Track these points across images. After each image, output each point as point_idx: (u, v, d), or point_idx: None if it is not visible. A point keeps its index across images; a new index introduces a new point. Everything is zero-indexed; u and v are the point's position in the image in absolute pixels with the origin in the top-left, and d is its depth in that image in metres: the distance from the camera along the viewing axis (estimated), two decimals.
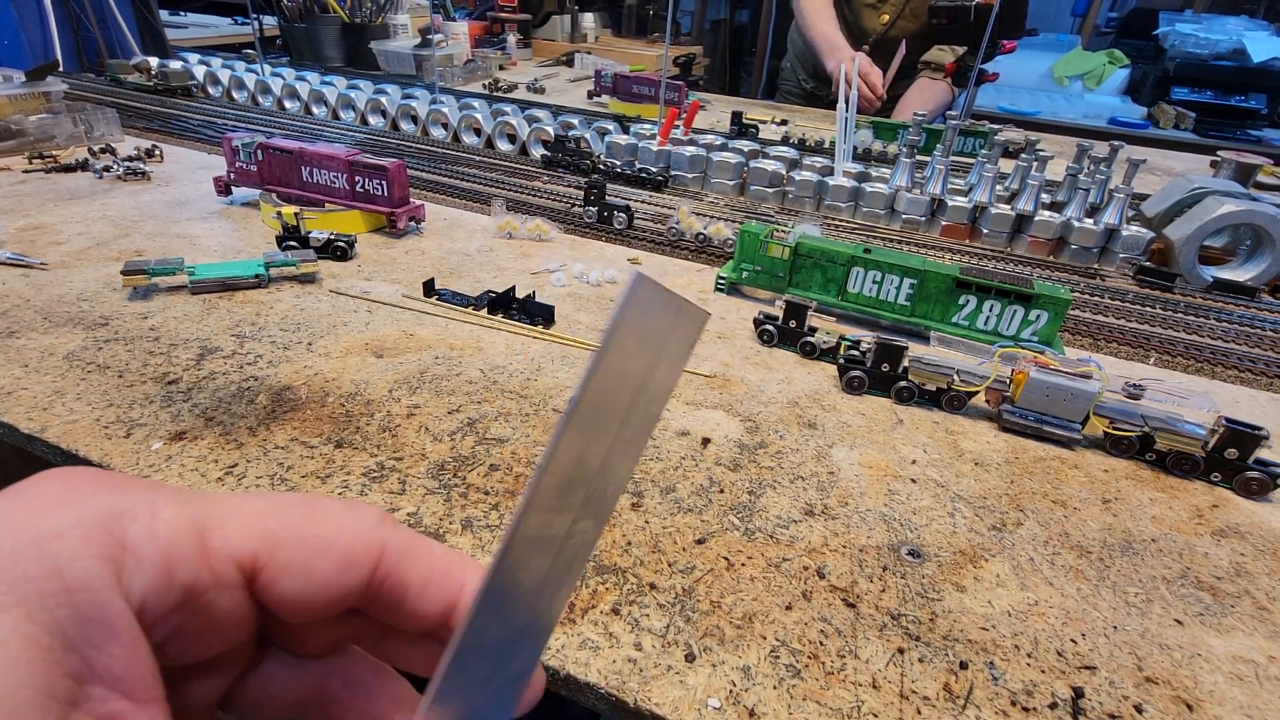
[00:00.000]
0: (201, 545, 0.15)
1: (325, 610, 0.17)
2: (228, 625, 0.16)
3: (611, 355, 0.19)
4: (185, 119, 1.32)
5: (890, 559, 0.44)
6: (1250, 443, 0.52)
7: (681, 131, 1.23)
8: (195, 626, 0.16)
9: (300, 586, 0.16)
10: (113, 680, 0.14)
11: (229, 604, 0.16)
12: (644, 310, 0.19)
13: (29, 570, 0.13)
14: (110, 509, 0.15)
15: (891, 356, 0.60)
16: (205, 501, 0.16)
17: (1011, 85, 2.91)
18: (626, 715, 0.34)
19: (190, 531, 0.15)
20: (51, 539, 0.14)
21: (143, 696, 0.14)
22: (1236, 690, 0.37)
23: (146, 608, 0.15)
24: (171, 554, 0.15)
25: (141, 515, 0.15)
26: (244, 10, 1.88)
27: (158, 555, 0.15)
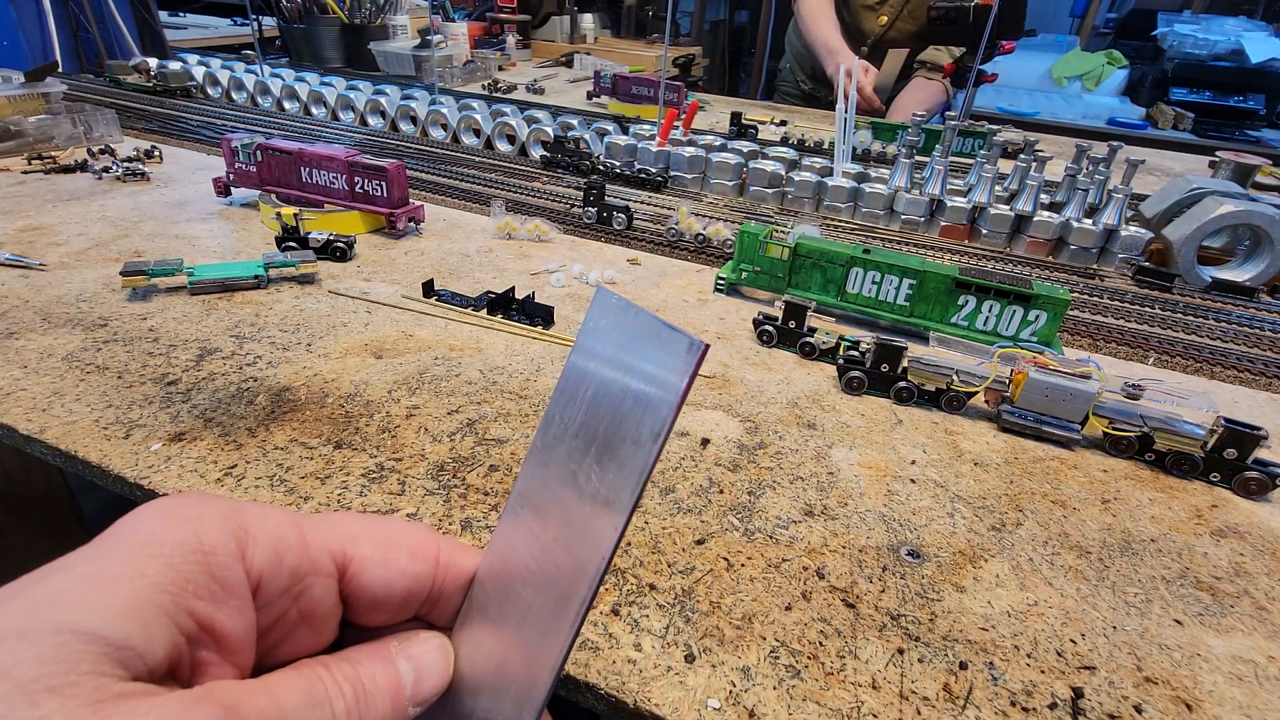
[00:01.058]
0: (302, 539, 0.19)
1: (401, 600, 0.20)
2: (320, 618, 0.19)
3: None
4: (184, 120, 1.32)
5: (890, 559, 0.44)
6: (1249, 443, 0.52)
7: (681, 132, 1.23)
8: (296, 615, 0.19)
9: (381, 574, 0.20)
10: (218, 633, 0.17)
11: (323, 592, 0.19)
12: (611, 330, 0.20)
13: (176, 534, 0.17)
14: (235, 507, 0.18)
15: (891, 357, 0.60)
16: (298, 514, 0.20)
17: (1010, 86, 2.91)
18: (626, 716, 0.34)
19: (294, 528, 0.19)
20: (194, 518, 0.17)
21: (233, 655, 0.17)
22: (1236, 690, 0.37)
23: (262, 583, 0.18)
24: (281, 542, 0.18)
25: (257, 513, 0.18)
26: (243, 11, 1.88)
27: (271, 541, 0.18)
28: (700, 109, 1.79)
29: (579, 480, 0.20)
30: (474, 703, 0.21)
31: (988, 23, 1.20)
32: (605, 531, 0.19)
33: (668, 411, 0.18)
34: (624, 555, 0.42)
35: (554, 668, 0.20)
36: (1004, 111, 2.67)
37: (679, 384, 0.18)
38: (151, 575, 0.16)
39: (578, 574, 0.19)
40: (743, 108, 1.85)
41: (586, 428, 0.20)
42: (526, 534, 0.21)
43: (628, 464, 0.19)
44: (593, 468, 0.19)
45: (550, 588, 0.20)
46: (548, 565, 0.20)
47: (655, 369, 0.18)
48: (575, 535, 0.20)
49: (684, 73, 2.72)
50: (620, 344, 0.19)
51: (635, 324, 0.19)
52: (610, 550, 0.19)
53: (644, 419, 0.18)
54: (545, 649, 0.20)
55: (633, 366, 0.19)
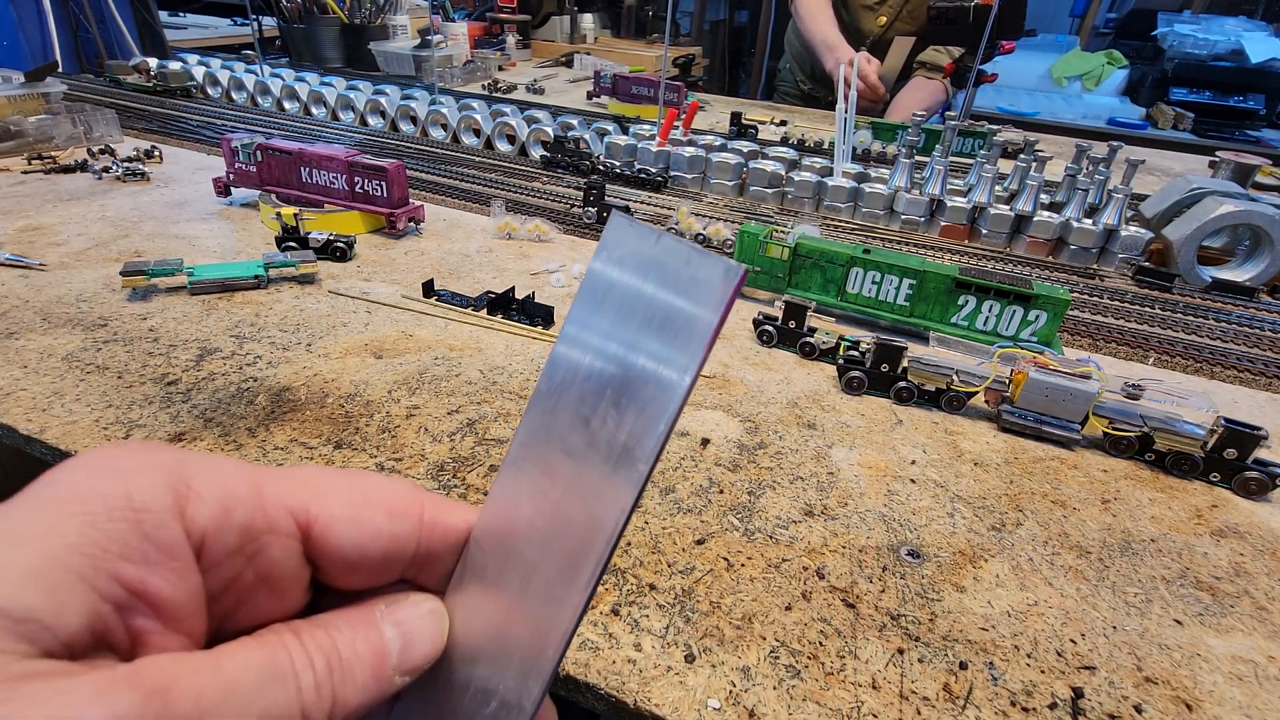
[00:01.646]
0: (258, 494, 0.17)
1: (380, 563, 0.18)
2: (282, 580, 0.17)
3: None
4: (184, 120, 1.32)
5: (890, 559, 0.44)
6: (1249, 443, 0.52)
7: (681, 132, 1.23)
8: (251, 578, 0.17)
9: (353, 534, 0.17)
10: (154, 600, 0.15)
11: (282, 553, 0.17)
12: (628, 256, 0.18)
13: (102, 489, 0.15)
14: (178, 459, 0.16)
15: (891, 357, 0.60)
16: (256, 466, 0.17)
17: (1010, 86, 2.92)
18: (626, 716, 0.34)
19: (247, 482, 0.17)
20: (126, 471, 0.15)
21: (177, 623, 0.15)
22: (1236, 690, 0.37)
23: (206, 543, 0.16)
24: (230, 497, 0.16)
25: (204, 466, 0.16)
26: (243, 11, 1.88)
27: (218, 496, 0.16)
28: (700, 109, 1.79)
29: (592, 426, 0.18)
30: (471, 672, 0.20)
31: (988, 23, 1.20)
32: (624, 484, 0.17)
33: (700, 345, 0.16)
34: (624, 555, 0.42)
35: (565, 634, 0.18)
36: (1004, 111, 2.67)
37: (714, 314, 0.16)
38: (66, 535, 0.14)
39: (592, 531, 0.18)
40: (743, 108, 1.85)
41: (600, 367, 0.18)
42: (531, 488, 0.19)
43: (651, 406, 0.17)
44: (609, 411, 0.18)
45: (560, 546, 0.18)
46: (557, 522, 0.18)
47: (684, 298, 0.16)
48: (589, 488, 0.18)
49: (684, 73, 2.72)
50: (641, 271, 0.17)
51: (658, 249, 0.17)
52: (631, 504, 0.17)
53: (671, 354, 0.17)
54: (554, 614, 0.18)
55: (657, 295, 0.17)
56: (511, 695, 0.19)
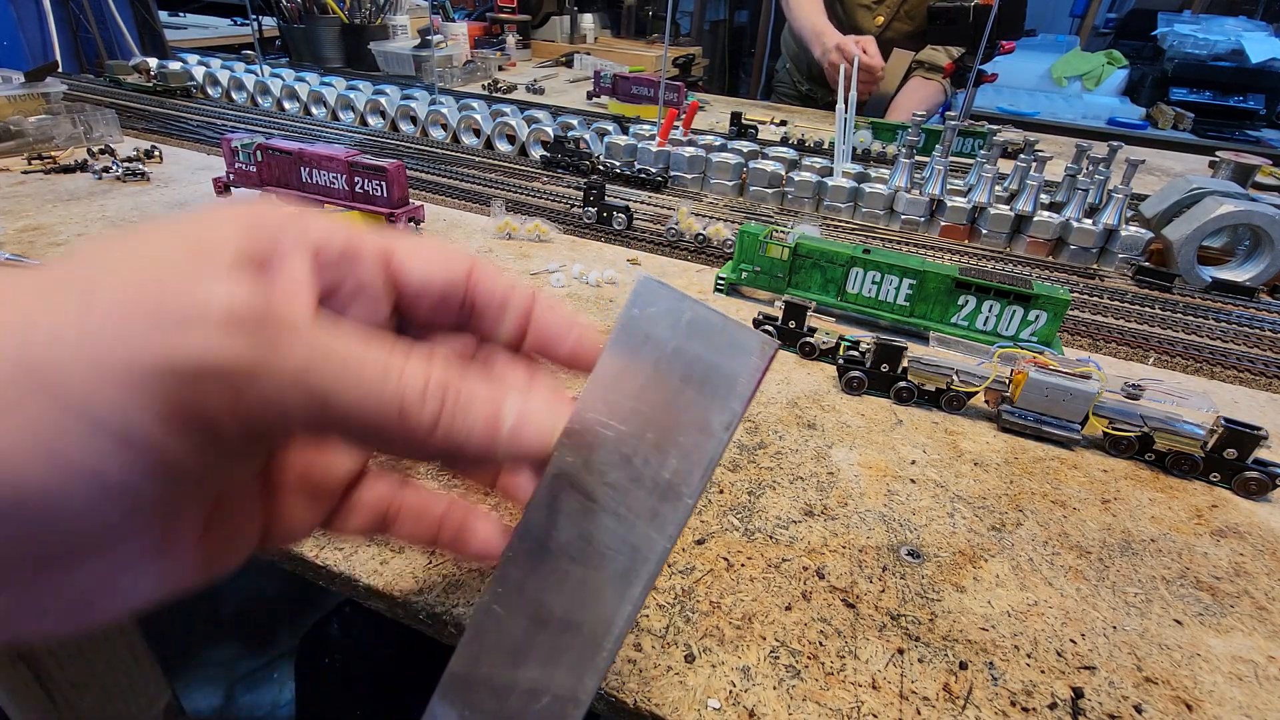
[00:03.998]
0: (351, 235, 0.21)
1: (441, 294, 0.23)
2: (372, 290, 0.21)
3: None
4: (184, 120, 1.32)
5: (890, 559, 0.44)
6: (1249, 443, 0.52)
7: (681, 132, 1.23)
8: (351, 284, 0.21)
9: (421, 268, 0.22)
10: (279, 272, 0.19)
11: (372, 269, 0.21)
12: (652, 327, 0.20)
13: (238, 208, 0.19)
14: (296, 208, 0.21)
15: (891, 357, 0.60)
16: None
17: (1010, 86, 2.92)
18: (625, 716, 0.34)
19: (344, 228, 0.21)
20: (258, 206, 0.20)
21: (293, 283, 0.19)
22: (1236, 690, 0.37)
23: (320, 251, 0.20)
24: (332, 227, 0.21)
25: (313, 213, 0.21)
26: (243, 11, 1.88)
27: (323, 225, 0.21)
28: (700, 109, 1.79)
29: (634, 464, 0.20)
30: (516, 674, 0.21)
31: (988, 23, 1.20)
32: (671, 511, 0.19)
33: (739, 403, 0.18)
34: None
35: (618, 636, 0.20)
36: (1004, 111, 2.67)
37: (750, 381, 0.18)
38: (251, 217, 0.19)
39: (642, 552, 0.19)
40: (743, 108, 1.85)
41: (638, 414, 0.20)
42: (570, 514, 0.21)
43: (694, 452, 0.19)
44: (651, 453, 0.19)
45: (610, 566, 0.20)
46: (604, 545, 0.20)
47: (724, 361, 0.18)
48: (637, 514, 0.20)
49: (684, 73, 2.72)
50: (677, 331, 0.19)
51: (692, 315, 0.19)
52: (679, 530, 0.19)
53: (713, 407, 0.18)
54: (607, 622, 0.20)
55: (696, 356, 0.19)
56: (565, 690, 0.20)
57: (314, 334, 0.16)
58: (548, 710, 0.20)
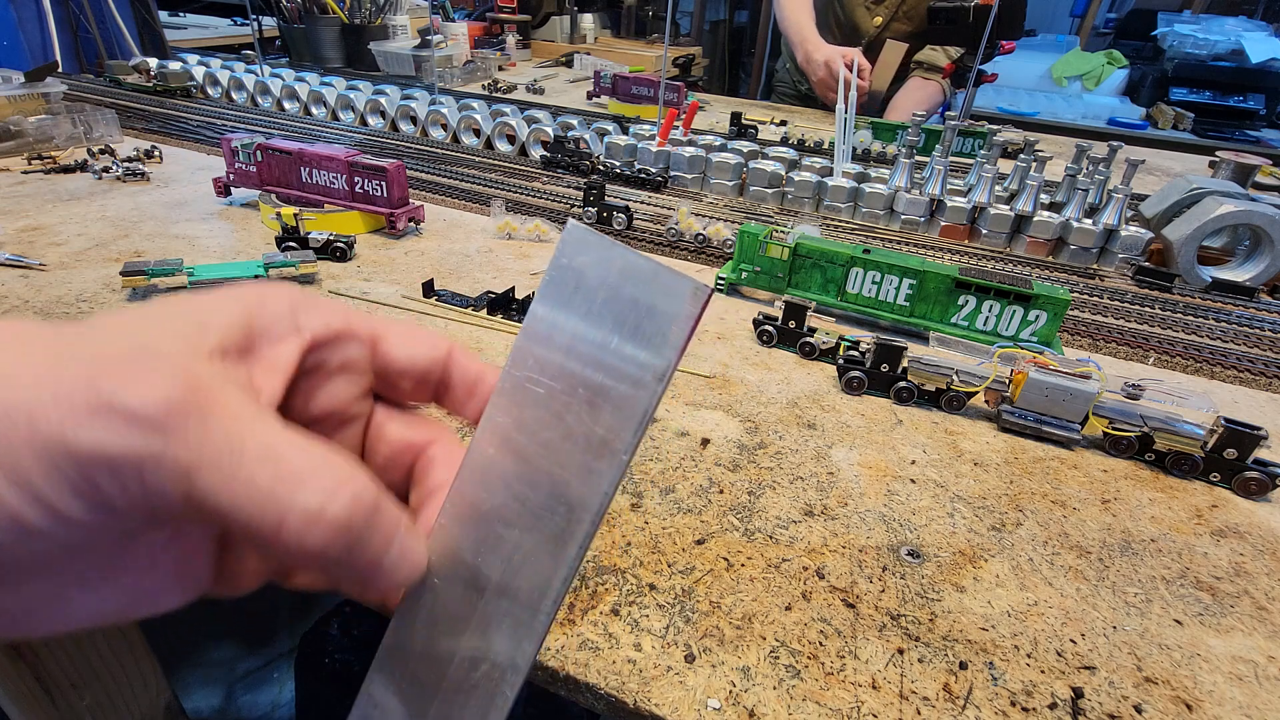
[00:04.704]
0: (348, 318, 0.23)
1: (421, 375, 0.25)
2: (355, 370, 0.23)
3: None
4: (184, 120, 1.32)
5: (890, 559, 0.44)
6: (1249, 443, 0.52)
7: (681, 132, 1.23)
8: (336, 364, 0.23)
9: (405, 352, 0.24)
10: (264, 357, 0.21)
11: (358, 352, 0.23)
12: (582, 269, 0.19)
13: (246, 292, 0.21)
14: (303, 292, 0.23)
15: (891, 357, 0.60)
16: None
17: (1010, 86, 2.92)
18: (626, 716, 0.34)
19: (344, 312, 0.23)
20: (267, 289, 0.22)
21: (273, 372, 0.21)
22: (1236, 690, 0.37)
23: (313, 338, 0.22)
24: (328, 311, 0.23)
25: (317, 298, 0.23)
26: (243, 11, 1.89)
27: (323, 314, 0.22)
28: (700, 109, 1.79)
29: (567, 420, 0.19)
30: (455, 644, 0.21)
31: (988, 22, 1.20)
32: (605, 470, 0.19)
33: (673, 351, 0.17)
34: (624, 555, 0.42)
35: (555, 599, 0.19)
36: (1004, 111, 2.67)
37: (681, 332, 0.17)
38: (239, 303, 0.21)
39: (577, 512, 0.19)
40: (742, 108, 1.85)
41: (568, 370, 0.19)
42: (504, 474, 0.21)
43: (627, 405, 0.18)
44: (583, 408, 0.19)
45: (544, 527, 0.20)
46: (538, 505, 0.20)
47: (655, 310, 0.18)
48: (569, 474, 0.19)
49: (684, 73, 2.72)
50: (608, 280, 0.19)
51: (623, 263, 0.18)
52: (613, 489, 0.19)
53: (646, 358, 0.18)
54: (543, 586, 0.20)
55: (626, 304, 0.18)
56: (503, 658, 0.20)
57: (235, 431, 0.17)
58: (486, 678, 0.20)
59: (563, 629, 0.37)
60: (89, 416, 0.16)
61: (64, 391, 0.16)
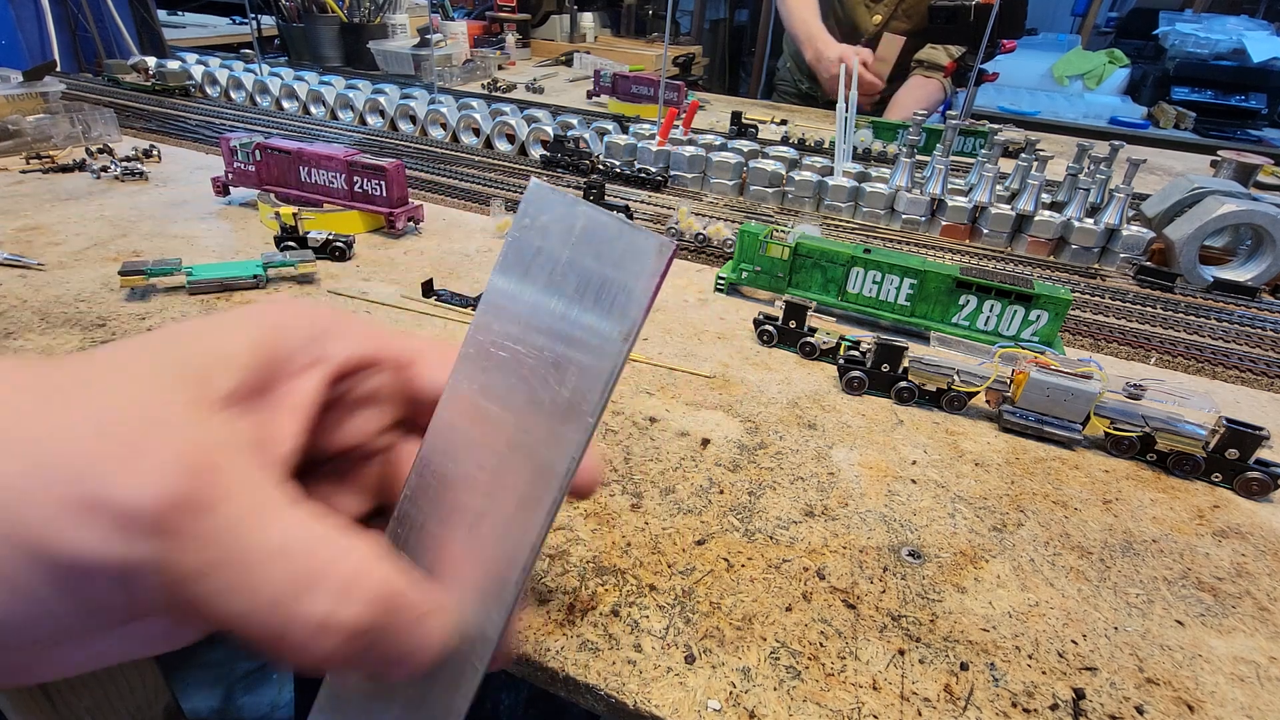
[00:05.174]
0: (379, 342, 0.22)
1: None
2: (381, 399, 0.22)
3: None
4: (183, 119, 1.32)
5: (890, 560, 0.43)
6: (1251, 443, 0.51)
7: (681, 131, 1.23)
8: (362, 391, 0.21)
9: (440, 376, 0.22)
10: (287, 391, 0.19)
11: (385, 381, 0.22)
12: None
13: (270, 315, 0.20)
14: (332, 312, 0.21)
15: (891, 357, 0.60)
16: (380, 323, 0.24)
17: (1011, 85, 2.91)
18: (626, 717, 0.34)
19: (375, 335, 0.22)
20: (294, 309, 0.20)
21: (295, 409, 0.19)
22: (1237, 691, 0.37)
23: (340, 366, 0.20)
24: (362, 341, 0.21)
25: (347, 319, 0.22)
26: (242, 10, 1.88)
27: (353, 338, 0.21)
28: (700, 108, 1.78)
29: (532, 384, 0.19)
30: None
31: (989, 21, 1.20)
32: (573, 431, 0.18)
33: (638, 311, 0.17)
34: (623, 555, 0.42)
35: (524, 565, 0.19)
36: (1005, 111, 2.67)
37: (650, 283, 0.17)
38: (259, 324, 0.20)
39: (545, 474, 0.19)
40: (743, 107, 1.85)
41: (532, 333, 0.19)
42: (469, 440, 0.20)
43: (592, 368, 0.18)
44: (549, 371, 0.18)
45: (511, 491, 0.19)
46: (504, 470, 0.19)
47: (619, 270, 0.17)
48: (536, 438, 0.19)
49: (684, 72, 2.72)
50: (570, 240, 0.18)
51: (585, 220, 0.18)
52: (581, 449, 0.18)
53: (609, 322, 0.17)
54: (511, 551, 0.19)
55: (590, 265, 0.18)
56: (472, 629, 0.20)
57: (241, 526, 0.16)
58: (456, 649, 0.20)
59: (562, 630, 0.37)
60: (75, 515, 0.14)
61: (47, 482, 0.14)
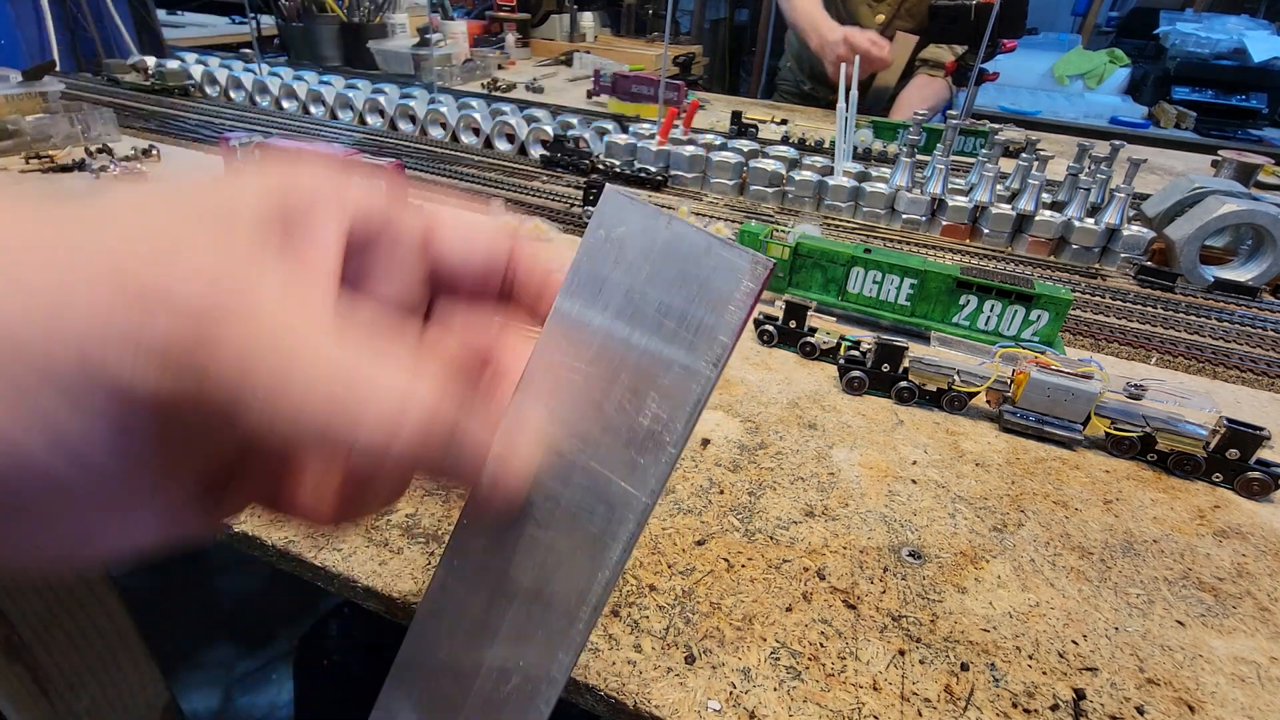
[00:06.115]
0: (393, 208, 0.20)
1: (481, 272, 0.22)
2: (405, 272, 0.21)
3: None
4: (182, 119, 1.32)
5: (891, 560, 0.43)
6: (1251, 443, 0.51)
7: (681, 131, 1.22)
8: (384, 265, 0.20)
9: (462, 240, 0.21)
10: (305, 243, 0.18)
11: (408, 255, 0.20)
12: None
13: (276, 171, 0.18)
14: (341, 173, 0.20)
15: (892, 357, 0.60)
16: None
17: (1012, 85, 2.91)
18: (626, 717, 0.34)
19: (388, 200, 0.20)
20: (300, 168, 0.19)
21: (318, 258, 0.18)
22: (1238, 691, 0.37)
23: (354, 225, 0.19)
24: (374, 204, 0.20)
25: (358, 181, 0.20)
26: (241, 10, 1.88)
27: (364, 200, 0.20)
28: (700, 108, 1.78)
29: (606, 410, 0.18)
30: (481, 655, 0.19)
31: (989, 21, 1.20)
32: (652, 464, 0.17)
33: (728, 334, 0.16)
34: None
35: (595, 606, 0.18)
36: (1005, 110, 2.67)
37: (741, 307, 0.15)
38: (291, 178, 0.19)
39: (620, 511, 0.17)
40: (743, 107, 1.84)
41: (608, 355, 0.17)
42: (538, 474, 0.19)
43: (676, 393, 0.17)
44: (627, 396, 0.17)
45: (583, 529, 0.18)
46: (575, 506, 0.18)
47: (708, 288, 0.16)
48: (612, 470, 0.18)
49: (684, 71, 2.72)
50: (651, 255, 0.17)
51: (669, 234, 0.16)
52: (661, 484, 0.17)
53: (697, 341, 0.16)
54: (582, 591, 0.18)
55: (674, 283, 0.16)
56: (537, 669, 0.18)
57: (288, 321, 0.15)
58: (518, 691, 0.18)
59: None
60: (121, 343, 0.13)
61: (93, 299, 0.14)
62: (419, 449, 0.15)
